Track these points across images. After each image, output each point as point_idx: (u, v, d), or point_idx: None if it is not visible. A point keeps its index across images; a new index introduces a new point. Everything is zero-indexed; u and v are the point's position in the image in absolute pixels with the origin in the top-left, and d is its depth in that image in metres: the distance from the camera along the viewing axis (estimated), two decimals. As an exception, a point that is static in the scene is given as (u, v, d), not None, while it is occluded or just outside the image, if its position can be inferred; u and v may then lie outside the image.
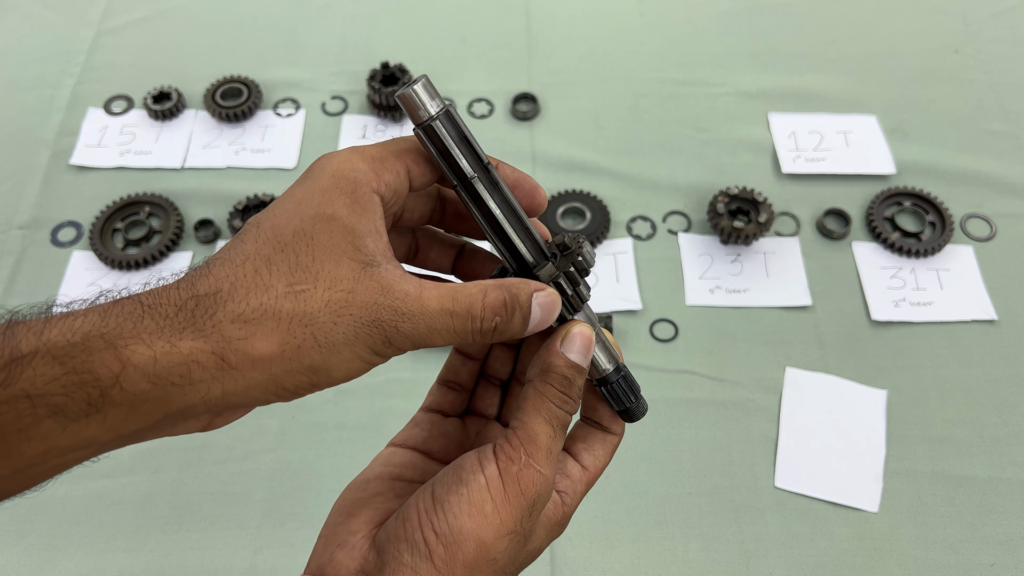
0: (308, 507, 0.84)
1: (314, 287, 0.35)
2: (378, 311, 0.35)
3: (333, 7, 1.30)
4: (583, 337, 0.41)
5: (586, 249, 0.42)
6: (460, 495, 0.38)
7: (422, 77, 0.38)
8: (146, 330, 0.32)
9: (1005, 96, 1.17)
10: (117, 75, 1.21)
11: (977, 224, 1.05)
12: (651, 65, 1.22)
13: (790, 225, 1.05)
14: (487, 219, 0.40)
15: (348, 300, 0.35)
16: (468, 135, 0.39)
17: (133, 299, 0.33)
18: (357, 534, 0.40)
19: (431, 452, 0.47)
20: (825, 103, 1.17)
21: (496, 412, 0.49)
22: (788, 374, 0.93)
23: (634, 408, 0.45)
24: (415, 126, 0.38)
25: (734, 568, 0.81)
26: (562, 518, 0.43)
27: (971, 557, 0.81)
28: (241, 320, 0.33)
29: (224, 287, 0.34)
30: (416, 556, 0.37)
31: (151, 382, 0.31)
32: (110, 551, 0.82)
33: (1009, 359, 0.94)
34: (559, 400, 0.40)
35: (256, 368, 0.34)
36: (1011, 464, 0.87)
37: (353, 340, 0.35)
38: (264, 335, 0.34)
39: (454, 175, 0.39)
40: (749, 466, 0.87)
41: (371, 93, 1.13)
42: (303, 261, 0.35)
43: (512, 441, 0.39)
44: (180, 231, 1.04)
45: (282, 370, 0.34)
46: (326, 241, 0.36)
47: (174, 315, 0.33)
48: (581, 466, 0.44)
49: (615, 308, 0.98)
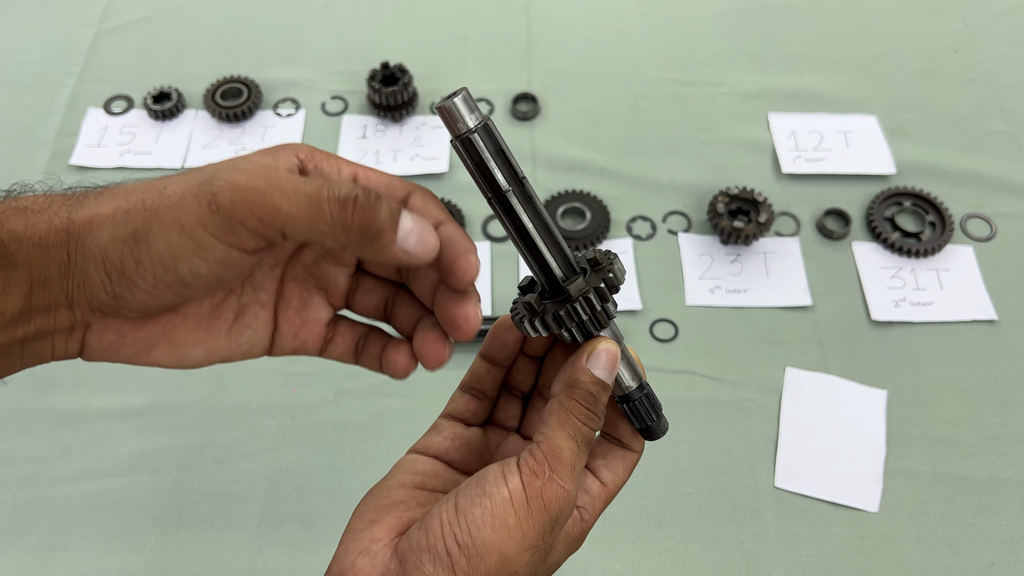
0: (308, 507, 0.84)
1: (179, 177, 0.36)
2: (214, 172, 0.34)
3: (333, 7, 1.30)
4: (609, 354, 0.41)
5: (617, 266, 0.42)
6: (484, 507, 0.38)
7: (462, 90, 0.38)
8: (18, 205, 0.37)
9: (1005, 96, 1.17)
10: (117, 75, 1.21)
11: (977, 224, 1.05)
12: (651, 65, 1.22)
13: (790, 225, 1.05)
14: (519, 233, 0.40)
15: (191, 172, 0.36)
16: (505, 149, 0.39)
17: (10, 199, 0.38)
18: (379, 542, 0.40)
19: (453, 462, 0.47)
20: (825, 103, 1.17)
21: (517, 424, 0.49)
22: (788, 374, 0.93)
23: (655, 426, 0.45)
24: (453, 137, 0.38)
25: (734, 568, 0.81)
26: (580, 533, 0.43)
27: (971, 557, 0.81)
28: (92, 200, 0.36)
29: (103, 212, 0.36)
30: (439, 567, 0.37)
31: (18, 242, 0.35)
32: (110, 551, 0.82)
33: (1009, 359, 0.94)
34: (584, 416, 0.40)
35: (90, 231, 0.35)
36: (1011, 464, 0.87)
37: (178, 202, 0.33)
38: (105, 200, 0.36)
39: (489, 188, 0.39)
40: (749, 466, 0.87)
41: (371, 93, 1.13)
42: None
43: (536, 455, 0.39)
44: (180, 231, 1.04)
45: (108, 236, 0.35)
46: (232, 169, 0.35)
47: (40, 210, 0.36)
48: (600, 482, 0.45)
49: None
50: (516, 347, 0.47)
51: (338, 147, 1.13)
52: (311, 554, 0.81)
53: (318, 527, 0.83)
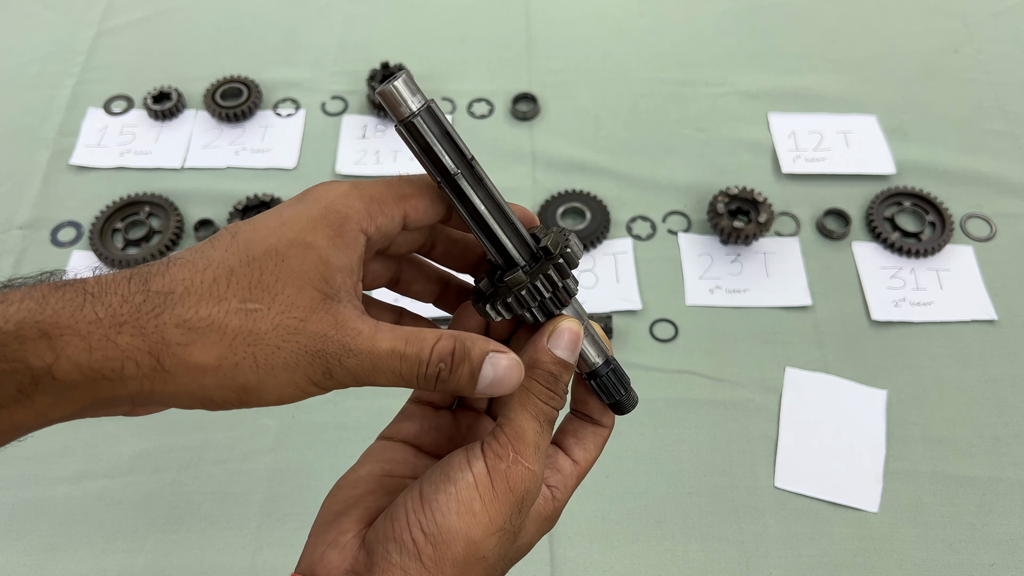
0: (308, 507, 0.84)
1: (267, 308, 0.35)
2: (325, 343, 0.35)
3: (333, 7, 1.30)
4: (571, 332, 0.41)
5: (573, 242, 0.41)
6: (448, 494, 0.38)
7: (402, 72, 0.37)
8: (85, 319, 0.32)
9: (1005, 96, 1.17)
10: (117, 75, 1.21)
11: (977, 224, 1.05)
12: (651, 65, 1.22)
13: (790, 225, 1.05)
14: (472, 215, 0.40)
15: (298, 328, 0.35)
16: (451, 131, 0.38)
17: (77, 285, 0.33)
18: (347, 533, 0.40)
19: (423, 446, 0.47)
20: (825, 103, 1.17)
21: (486, 406, 0.49)
22: (788, 374, 0.93)
23: (624, 401, 0.45)
24: (396, 122, 0.38)
25: (734, 568, 0.81)
26: (553, 512, 0.43)
27: (971, 557, 0.81)
28: (186, 327, 0.33)
29: (178, 289, 0.34)
30: (405, 556, 0.37)
31: (83, 373, 0.31)
32: (110, 551, 0.82)
33: (1009, 359, 0.94)
34: (545, 396, 0.40)
35: (188, 376, 0.33)
36: (1011, 464, 0.87)
37: (293, 367, 0.35)
38: (205, 346, 0.33)
39: (437, 172, 0.39)
40: (749, 466, 0.87)
41: (371, 93, 1.13)
42: (265, 280, 0.35)
43: (500, 438, 0.39)
44: (180, 231, 1.04)
45: (214, 383, 0.34)
46: (296, 266, 0.35)
47: (118, 306, 0.32)
48: (572, 460, 0.44)
49: (615, 308, 0.98)
50: (480, 331, 0.47)
51: (338, 147, 1.13)
52: (311, 554, 0.81)
53: (318, 527, 0.83)
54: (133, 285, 0.33)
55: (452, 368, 0.38)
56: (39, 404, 0.31)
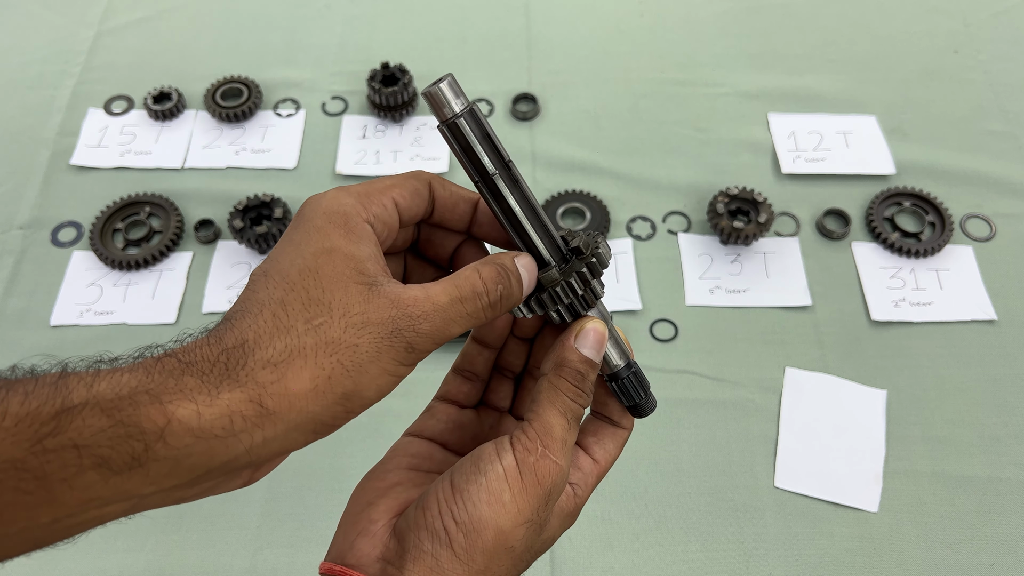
0: (308, 507, 0.84)
1: (330, 317, 0.36)
2: (395, 322, 0.37)
3: (333, 7, 1.30)
4: (596, 333, 0.42)
5: (603, 247, 0.43)
6: (479, 484, 0.39)
7: (448, 76, 0.39)
8: (187, 386, 0.33)
9: (1005, 96, 1.18)
10: (117, 75, 1.21)
11: (977, 224, 1.05)
12: (651, 65, 1.22)
13: (790, 225, 1.05)
14: (507, 215, 0.41)
15: (364, 320, 0.36)
16: (491, 133, 0.40)
17: (172, 356, 0.34)
18: (377, 522, 0.41)
19: (447, 443, 0.48)
20: (825, 103, 1.17)
21: (509, 405, 0.50)
22: (788, 374, 0.93)
23: (643, 404, 0.46)
24: (440, 123, 0.40)
25: (734, 568, 0.81)
26: (574, 509, 0.44)
27: (971, 557, 0.81)
28: (271, 364, 0.34)
29: (249, 337, 0.35)
30: (437, 544, 0.38)
31: (195, 435, 0.32)
32: (110, 551, 0.82)
33: (1009, 359, 0.94)
34: (573, 394, 0.42)
35: (293, 408, 0.34)
36: (1011, 464, 0.87)
37: (377, 356, 0.36)
38: (295, 373, 0.35)
39: (476, 172, 0.40)
40: (749, 466, 0.87)
41: (371, 93, 1.13)
42: (314, 295, 0.36)
43: (528, 432, 0.40)
44: (180, 231, 1.04)
45: (318, 405, 0.35)
46: (330, 272, 0.37)
47: (209, 370, 0.34)
48: (592, 459, 0.45)
49: (615, 308, 0.98)
50: (506, 329, 0.48)
51: (338, 147, 1.13)
52: (311, 554, 0.81)
53: (318, 527, 0.83)
54: (212, 347, 0.35)
55: (508, 286, 0.40)
56: (153, 472, 0.31)
